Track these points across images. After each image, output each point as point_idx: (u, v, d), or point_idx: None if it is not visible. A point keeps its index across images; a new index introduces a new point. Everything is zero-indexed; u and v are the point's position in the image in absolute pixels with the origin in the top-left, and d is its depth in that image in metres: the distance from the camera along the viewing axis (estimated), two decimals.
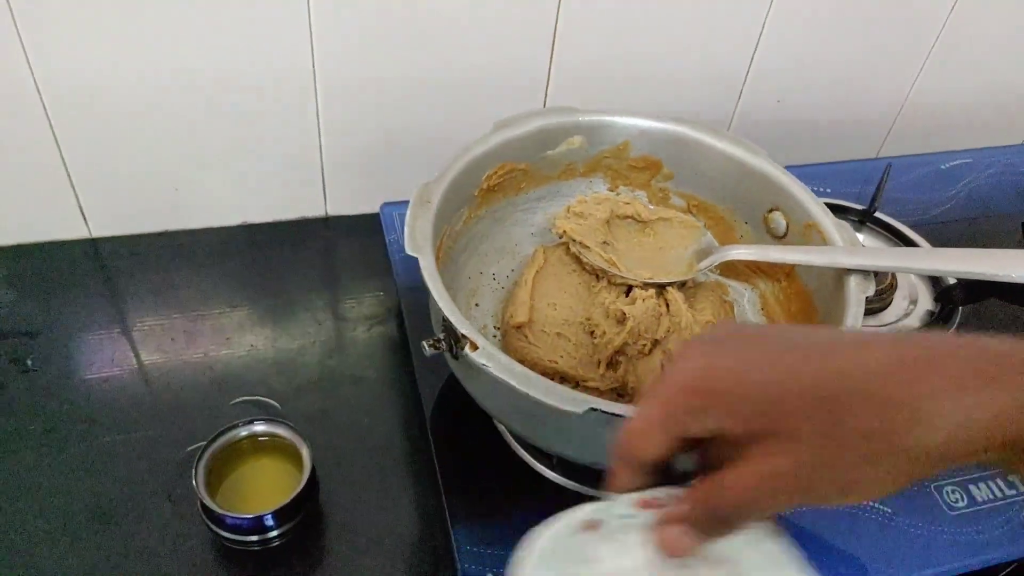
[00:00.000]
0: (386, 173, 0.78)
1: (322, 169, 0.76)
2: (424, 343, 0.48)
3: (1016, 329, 0.71)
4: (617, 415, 0.43)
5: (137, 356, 0.65)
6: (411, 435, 0.61)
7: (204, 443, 0.54)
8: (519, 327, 0.55)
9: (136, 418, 0.60)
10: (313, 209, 0.79)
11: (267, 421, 0.56)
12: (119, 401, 0.61)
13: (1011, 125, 0.98)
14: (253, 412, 0.59)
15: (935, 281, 0.73)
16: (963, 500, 0.58)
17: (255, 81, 0.68)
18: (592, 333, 0.55)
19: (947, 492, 0.58)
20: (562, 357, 0.54)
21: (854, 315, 0.49)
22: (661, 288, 0.56)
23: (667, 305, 0.55)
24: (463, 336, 0.44)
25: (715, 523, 0.30)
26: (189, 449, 0.58)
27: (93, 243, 0.74)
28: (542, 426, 0.48)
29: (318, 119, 0.72)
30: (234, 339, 0.67)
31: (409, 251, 0.48)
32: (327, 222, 0.79)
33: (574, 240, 0.58)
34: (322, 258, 0.76)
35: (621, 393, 0.54)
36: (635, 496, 0.32)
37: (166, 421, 0.60)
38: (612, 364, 0.54)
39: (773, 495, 0.29)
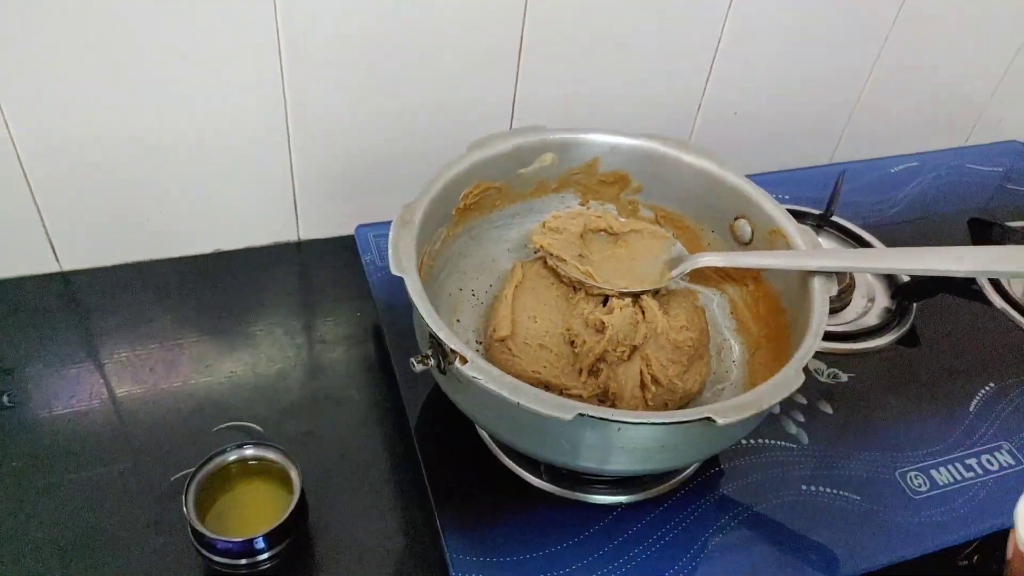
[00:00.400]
0: (357, 196, 0.79)
1: (294, 194, 0.77)
2: (412, 360, 0.49)
3: (966, 321, 0.75)
4: (604, 419, 0.44)
5: (116, 388, 0.64)
6: (396, 451, 0.62)
7: (193, 469, 0.54)
8: (502, 340, 0.56)
9: (118, 450, 0.60)
10: (286, 234, 0.80)
11: (256, 445, 0.56)
12: (100, 434, 0.61)
13: (953, 128, 1.03)
14: (236, 438, 0.60)
15: (890, 279, 0.77)
16: (926, 484, 0.60)
17: (225, 109, 0.68)
18: (573, 343, 0.57)
19: (910, 477, 0.61)
20: (545, 367, 0.55)
21: (820, 314, 0.52)
22: (636, 297, 0.58)
23: (643, 312, 0.57)
24: (452, 351, 0.46)
25: None
26: (175, 477, 0.58)
27: (64, 277, 0.73)
28: (531, 434, 0.50)
29: (289, 146, 0.73)
30: (213, 366, 0.67)
31: (395, 271, 0.50)
32: (300, 246, 0.80)
33: (551, 254, 0.60)
34: (297, 282, 0.77)
35: (603, 399, 0.56)
36: None
37: (149, 451, 0.60)
38: (593, 371, 0.56)
39: None
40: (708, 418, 0.44)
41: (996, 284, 0.78)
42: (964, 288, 0.78)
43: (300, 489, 0.54)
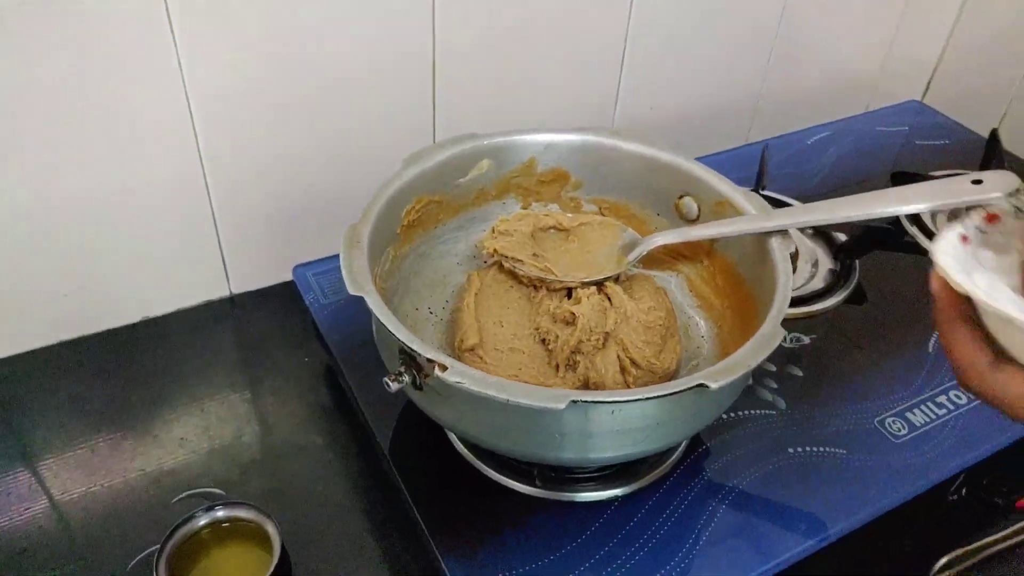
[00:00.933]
0: (286, 239, 0.76)
1: (220, 248, 0.73)
2: (386, 379, 0.47)
3: (905, 271, 0.77)
4: (598, 402, 0.43)
5: (58, 483, 0.59)
6: (371, 488, 0.59)
7: (159, 544, 0.50)
8: (472, 349, 0.54)
9: (69, 547, 0.55)
10: (216, 291, 0.76)
11: (226, 505, 0.52)
12: (48, 536, 0.56)
13: (852, 98, 1.08)
14: (200, 505, 0.55)
15: (829, 242, 0.79)
16: (904, 428, 0.61)
17: (137, 170, 0.65)
18: (544, 341, 0.55)
19: (889, 423, 0.61)
20: (520, 370, 0.54)
21: (784, 271, 0.52)
22: (599, 285, 0.58)
23: (609, 299, 0.56)
24: (429, 360, 0.44)
25: None
26: (137, 559, 0.53)
27: None
28: (521, 434, 0.47)
29: (209, 198, 0.69)
30: (161, 437, 0.63)
31: (352, 292, 0.47)
32: (233, 301, 0.76)
33: (506, 256, 0.59)
34: (236, 337, 0.73)
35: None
36: (982, 212, 0.38)
37: (107, 539, 0.55)
38: (571, 365, 0.54)
39: None
40: (701, 384, 0.43)
41: (926, 231, 0.81)
42: (898, 241, 0.81)
43: (280, 544, 0.51)
